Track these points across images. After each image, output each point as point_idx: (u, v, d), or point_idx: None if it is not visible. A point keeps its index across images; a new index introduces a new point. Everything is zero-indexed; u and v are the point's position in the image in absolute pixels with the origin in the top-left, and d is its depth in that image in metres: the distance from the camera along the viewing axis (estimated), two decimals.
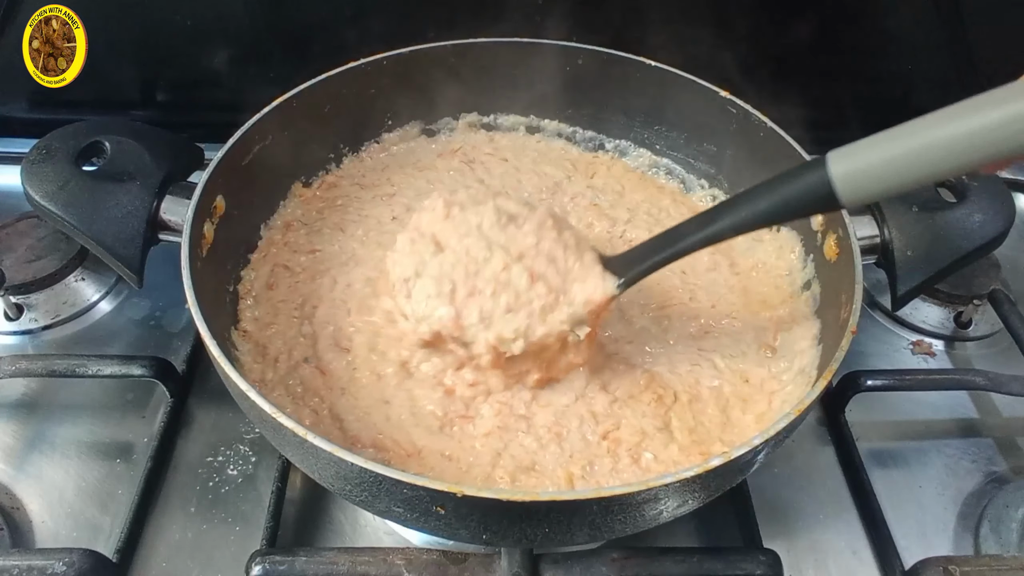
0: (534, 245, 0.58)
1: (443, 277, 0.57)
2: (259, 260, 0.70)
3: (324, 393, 0.60)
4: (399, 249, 0.60)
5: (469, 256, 0.57)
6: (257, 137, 0.69)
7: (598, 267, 0.57)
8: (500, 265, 0.56)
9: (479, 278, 0.56)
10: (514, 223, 0.59)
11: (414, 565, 0.56)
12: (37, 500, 0.65)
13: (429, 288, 0.57)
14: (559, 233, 0.59)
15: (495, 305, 0.56)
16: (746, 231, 0.54)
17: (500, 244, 0.57)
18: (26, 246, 0.81)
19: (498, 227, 0.58)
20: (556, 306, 0.56)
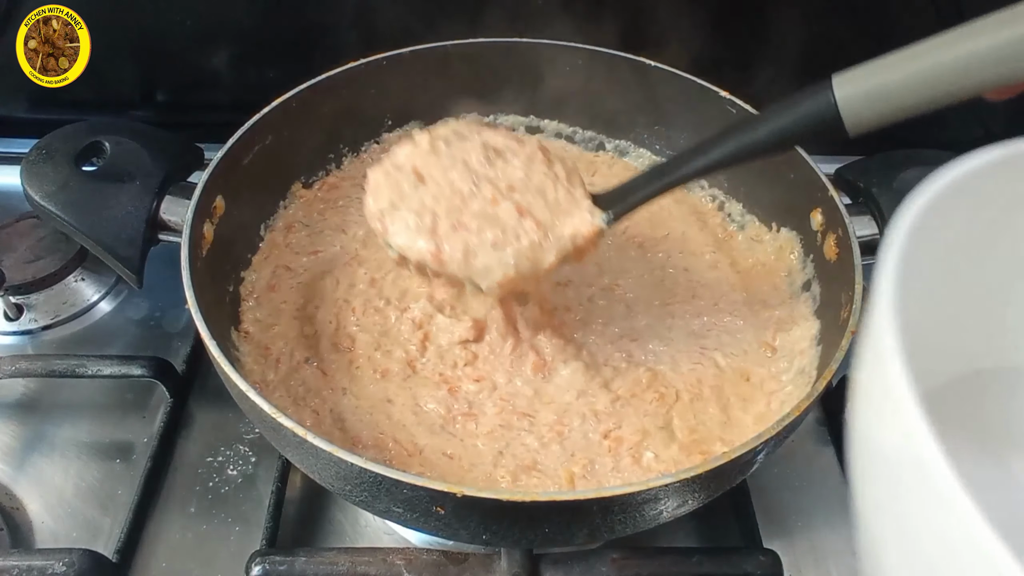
0: (523, 179, 0.56)
1: (424, 210, 0.54)
2: (260, 261, 0.70)
3: (326, 394, 0.60)
4: (373, 182, 0.57)
5: (453, 189, 0.55)
6: (257, 137, 0.69)
7: (587, 201, 0.56)
8: (487, 199, 0.54)
9: (464, 212, 0.54)
10: (502, 157, 0.56)
11: (414, 565, 0.56)
12: (37, 500, 0.65)
13: (408, 220, 0.54)
14: (549, 167, 0.57)
15: (481, 241, 0.53)
16: (745, 160, 0.52)
17: (488, 178, 0.55)
18: (26, 246, 0.81)
19: (486, 161, 0.56)
20: (545, 242, 0.54)
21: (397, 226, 0.54)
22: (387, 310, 0.65)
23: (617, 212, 0.55)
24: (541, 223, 0.54)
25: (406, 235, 0.54)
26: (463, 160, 0.56)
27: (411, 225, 0.53)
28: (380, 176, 0.56)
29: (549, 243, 0.53)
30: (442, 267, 0.53)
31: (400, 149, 0.57)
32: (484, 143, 0.57)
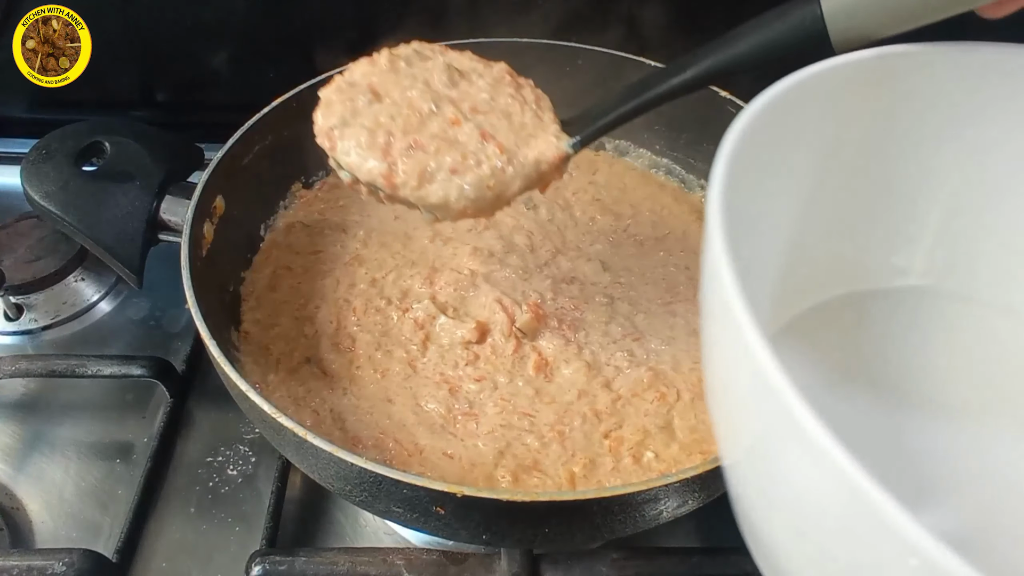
0: (488, 100, 0.52)
1: (378, 128, 0.50)
2: (261, 262, 0.70)
3: (326, 394, 0.60)
4: (324, 99, 0.52)
5: (412, 108, 0.50)
6: (257, 137, 0.69)
7: (555, 125, 0.52)
8: (448, 120, 0.50)
9: (422, 133, 0.50)
10: (466, 79, 0.53)
11: (414, 565, 0.56)
12: (37, 500, 0.65)
13: (360, 137, 0.50)
14: (517, 90, 0.53)
15: (438, 165, 0.49)
16: (724, 76, 0.49)
17: (449, 98, 0.52)
18: (26, 246, 0.81)
19: (448, 82, 0.52)
20: (508, 168, 0.50)
21: (347, 143, 0.50)
22: (388, 310, 0.65)
23: (585, 136, 0.51)
24: (505, 148, 0.50)
25: (356, 153, 0.50)
26: (424, 80, 0.52)
27: (363, 143, 0.50)
28: (332, 93, 0.52)
29: (512, 171, 0.50)
30: (394, 191, 0.50)
31: (356, 66, 0.53)
32: (448, 63, 0.53)
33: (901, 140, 0.47)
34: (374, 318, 0.65)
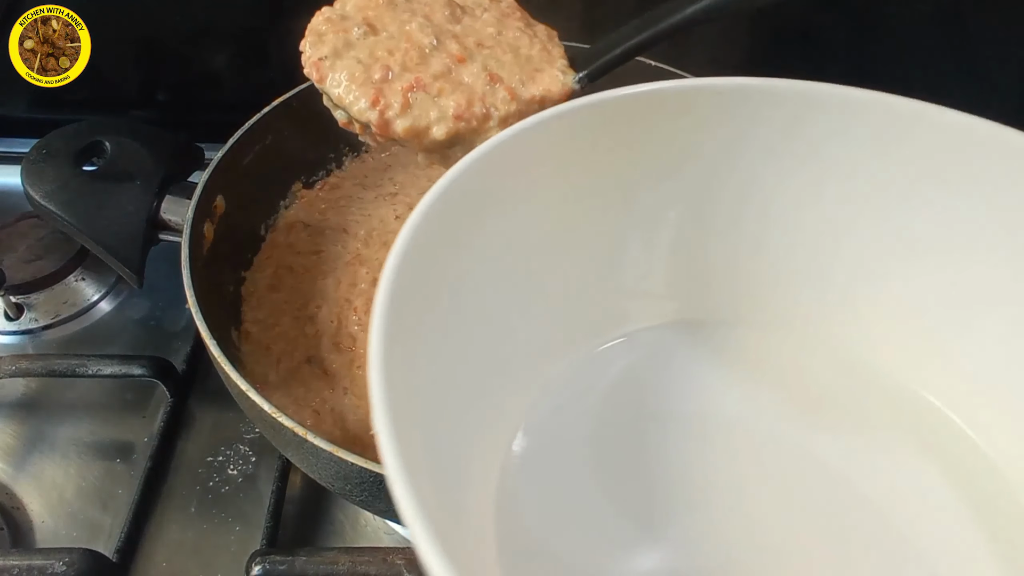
0: (494, 34, 0.48)
1: (374, 61, 0.45)
2: (262, 262, 0.70)
3: (326, 393, 0.60)
4: (312, 28, 0.48)
5: (412, 42, 0.46)
6: (257, 137, 0.69)
7: (562, 60, 0.48)
8: (452, 56, 0.46)
9: (424, 70, 0.45)
10: (470, 14, 0.49)
11: (414, 565, 0.56)
12: (37, 500, 0.65)
13: (354, 71, 0.45)
14: (526, 23, 0.50)
15: (441, 111, 0.45)
16: (743, 6, 0.47)
17: (453, 33, 0.47)
18: (26, 246, 0.81)
19: (451, 17, 0.48)
20: (511, 107, 0.46)
21: (338, 75, 0.46)
22: None
23: (593, 71, 0.48)
24: (513, 91, 0.46)
25: (348, 87, 0.46)
26: (424, 14, 0.48)
27: (356, 76, 0.45)
28: (322, 23, 0.48)
29: (515, 109, 0.46)
30: (388, 133, 0.46)
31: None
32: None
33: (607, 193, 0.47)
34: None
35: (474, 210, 0.41)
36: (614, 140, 0.45)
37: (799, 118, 0.45)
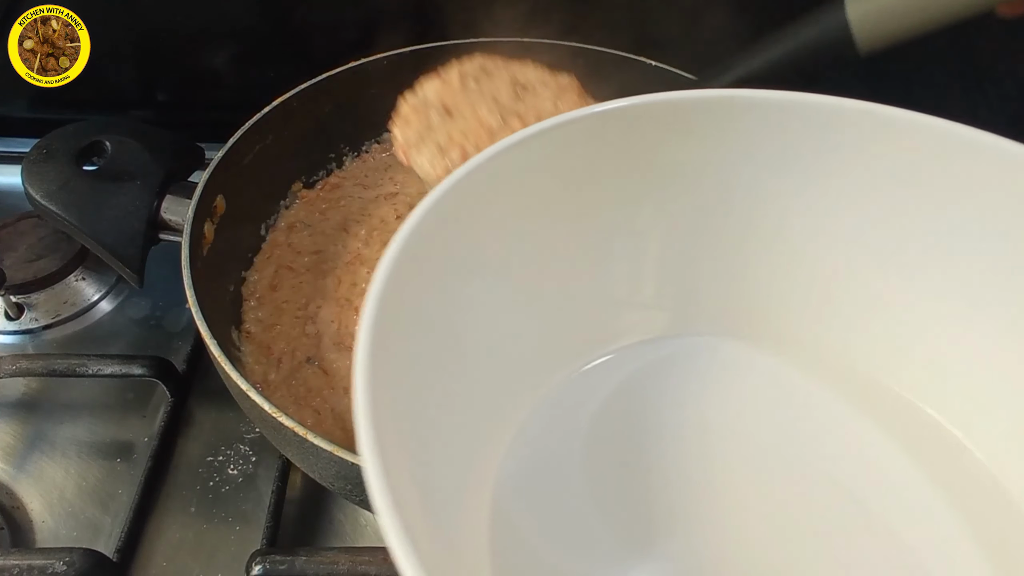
0: (552, 110, 0.55)
1: (452, 143, 0.53)
2: (262, 262, 0.70)
3: (327, 393, 0.60)
4: (403, 115, 0.56)
5: (482, 123, 0.53)
6: (257, 137, 0.69)
7: None
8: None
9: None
10: (532, 92, 0.56)
11: None
12: (37, 500, 0.65)
13: (434, 154, 0.53)
14: (581, 98, 0.56)
15: None
16: (757, 83, 0.51)
17: (516, 112, 0.54)
18: (26, 246, 0.81)
19: (515, 96, 0.55)
20: None
21: (422, 159, 0.53)
22: None
23: None
24: None
25: (429, 170, 0.53)
26: (492, 95, 0.55)
27: (436, 160, 0.53)
28: (407, 109, 0.56)
29: None
30: None
31: (429, 84, 0.57)
32: (513, 78, 0.56)
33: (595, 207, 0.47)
34: None
35: (464, 225, 0.41)
36: (604, 153, 0.45)
37: (793, 130, 0.45)
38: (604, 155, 0.46)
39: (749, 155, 0.46)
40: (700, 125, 0.45)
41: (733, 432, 0.48)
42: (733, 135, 0.45)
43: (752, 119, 0.45)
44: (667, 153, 0.46)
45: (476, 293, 0.43)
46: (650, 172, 0.47)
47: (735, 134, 0.45)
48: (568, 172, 0.45)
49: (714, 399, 0.49)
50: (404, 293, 0.36)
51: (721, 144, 0.46)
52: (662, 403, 0.49)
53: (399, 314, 0.35)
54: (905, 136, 0.43)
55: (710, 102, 0.45)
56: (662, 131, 0.45)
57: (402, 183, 0.79)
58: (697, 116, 0.45)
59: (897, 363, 0.49)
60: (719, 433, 0.48)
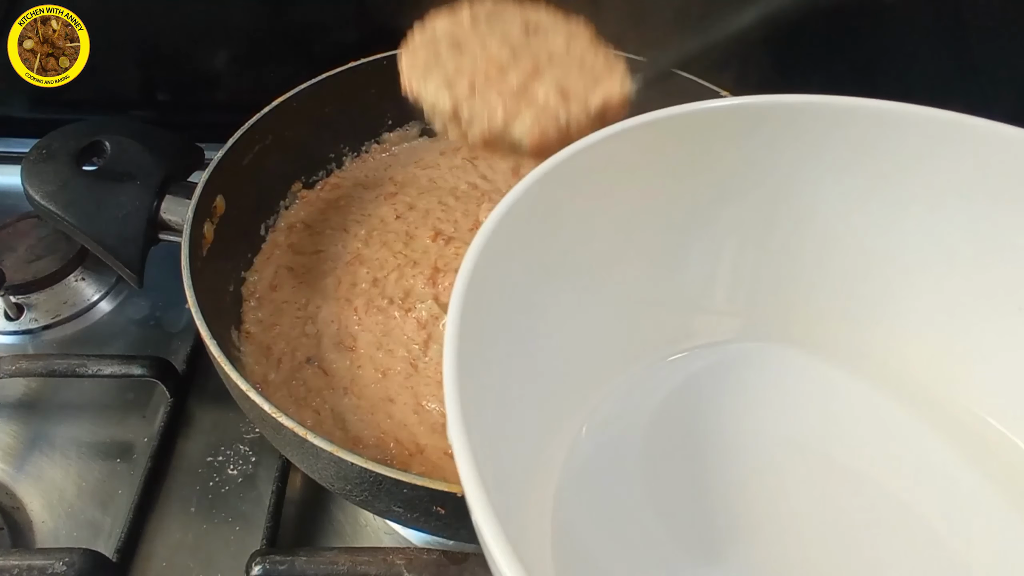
0: (564, 51, 0.54)
1: (459, 74, 0.52)
2: (262, 262, 0.70)
3: (327, 393, 0.60)
4: (411, 45, 0.55)
5: (491, 59, 0.53)
6: (257, 137, 0.69)
7: (622, 67, 0.53)
8: (527, 72, 0.52)
9: (501, 82, 0.52)
10: (543, 32, 0.56)
11: (414, 565, 0.56)
12: (37, 500, 0.65)
13: (440, 80, 0.53)
14: (592, 43, 0.55)
15: (518, 115, 0.51)
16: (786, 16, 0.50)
17: (528, 49, 0.54)
18: (26, 246, 0.81)
19: (525, 35, 0.55)
20: (579, 116, 0.51)
21: (429, 86, 0.53)
22: (390, 309, 0.65)
23: (648, 75, 0.53)
24: (580, 100, 0.51)
25: (435, 95, 0.52)
26: (502, 33, 0.55)
27: (443, 84, 0.52)
28: (417, 41, 0.56)
29: (581, 115, 0.51)
30: (469, 140, 0.52)
31: (439, 20, 0.56)
32: (524, 19, 0.56)
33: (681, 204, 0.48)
34: (376, 318, 0.65)
35: (543, 221, 0.42)
36: (683, 154, 0.46)
37: (868, 136, 0.45)
38: (680, 158, 0.46)
39: (815, 159, 0.47)
40: (784, 129, 0.46)
41: (793, 441, 0.48)
42: (815, 141, 0.46)
43: (837, 126, 0.45)
44: (738, 158, 0.47)
45: (553, 291, 0.44)
46: (730, 174, 0.47)
47: (817, 140, 0.46)
48: (647, 174, 0.46)
49: (775, 405, 0.49)
50: (486, 289, 0.37)
51: (788, 148, 0.46)
52: (723, 407, 0.49)
53: (482, 309, 0.36)
54: (974, 141, 0.43)
55: (775, 107, 0.45)
56: (744, 134, 0.46)
57: (401, 182, 0.79)
58: (761, 120, 0.46)
59: (963, 375, 0.48)
60: (778, 441, 0.48)
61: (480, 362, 0.35)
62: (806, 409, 0.49)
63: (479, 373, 0.35)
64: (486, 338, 0.37)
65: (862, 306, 0.50)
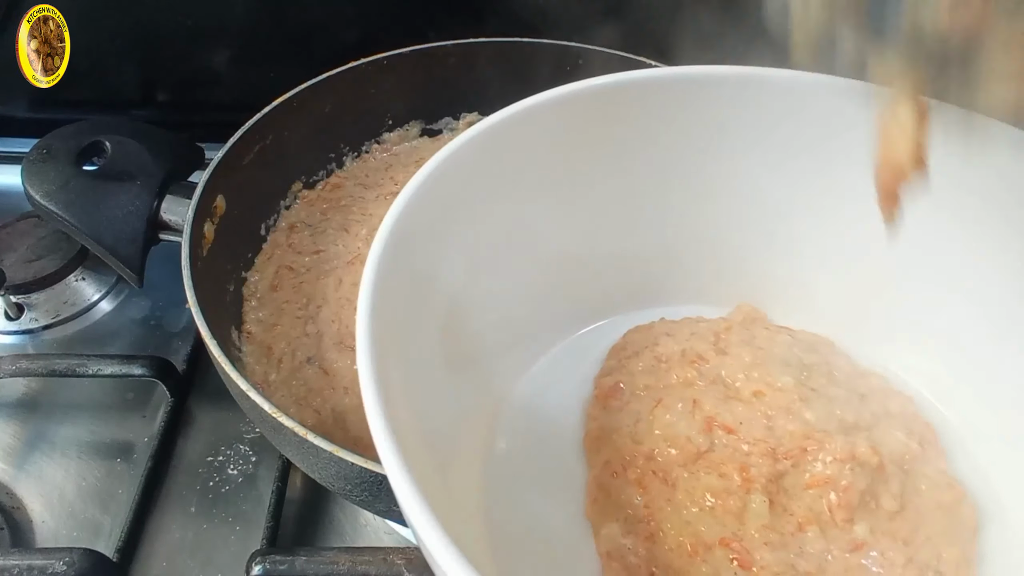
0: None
1: None
2: (263, 262, 0.70)
3: (327, 393, 0.60)
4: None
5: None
6: (257, 137, 0.69)
7: None
8: None
9: None
10: None
11: (414, 565, 0.56)
12: (37, 500, 0.65)
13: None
14: None
15: None
16: None
17: None
18: (26, 246, 0.81)
19: None
20: None
21: None
22: None
23: None
24: None
25: None
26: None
27: None
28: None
29: None
30: None
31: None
32: None
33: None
34: None
35: (458, 197, 0.44)
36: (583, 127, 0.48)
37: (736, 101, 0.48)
38: (580, 131, 0.48)
39: (722, 128, 0.49)
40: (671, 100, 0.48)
41: None
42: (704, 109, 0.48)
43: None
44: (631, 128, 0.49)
45: (468, 268, 0.45)
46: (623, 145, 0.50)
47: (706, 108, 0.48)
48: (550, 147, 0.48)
49: None
50: (403, 256, 0.39)
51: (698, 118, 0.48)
52: None
53: (398, 279, 0.38)
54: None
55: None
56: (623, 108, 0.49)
57: (403, 182, 0.78)
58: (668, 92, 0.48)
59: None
60: None
61: (396, 343, 0.36)
62: None
63: (396, 351, 0.36)
64: (401, 318, 0.38)
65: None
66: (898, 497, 0.42)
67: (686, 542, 0.40)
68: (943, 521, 0.42)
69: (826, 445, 0.42)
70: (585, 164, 0.49)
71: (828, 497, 0.41)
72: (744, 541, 0.40)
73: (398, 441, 0.30)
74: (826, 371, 0.48)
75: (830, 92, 0.44)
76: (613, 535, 0.41)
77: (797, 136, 0.48)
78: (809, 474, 0.42)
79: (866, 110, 0.34)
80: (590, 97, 0.47)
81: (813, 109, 0.46)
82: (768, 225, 0.52)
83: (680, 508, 0.41)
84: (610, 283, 0.54)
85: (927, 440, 0.46)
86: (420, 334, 0.39)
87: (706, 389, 0.46)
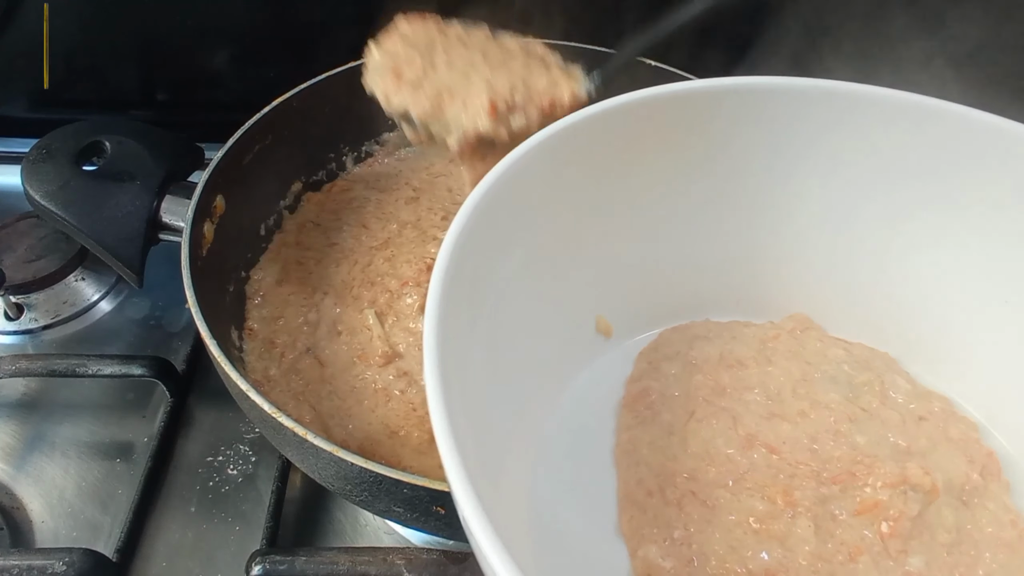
0: (524, 59, 0.55)
1: (427, 78, 0.54)
2: (268, 260, 0.70)
3: (324, 389, 0.60)
4: (378, 50, 0.59)
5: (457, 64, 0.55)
6: (257, 137, 0.69)
7: (579, 73, 0.54)
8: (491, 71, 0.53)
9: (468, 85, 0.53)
10: (502, 45, 0.58)
11: (414, 565, 0.56)
12: (37, 500, 0.65)
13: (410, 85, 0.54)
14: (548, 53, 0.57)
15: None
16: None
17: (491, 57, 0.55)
18: (26, 246, 0.81)
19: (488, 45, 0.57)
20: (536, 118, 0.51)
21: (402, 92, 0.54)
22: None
23: (604, 74, 0.54)
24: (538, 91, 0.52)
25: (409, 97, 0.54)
26: (466, 43, 0.57)
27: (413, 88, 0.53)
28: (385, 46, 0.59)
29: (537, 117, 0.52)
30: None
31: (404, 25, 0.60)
32: (486, 35, 0.58)
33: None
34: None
35: (518, 208, 0.42)
36: (646, 137, 0.47)
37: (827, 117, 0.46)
38: (643, 141, 0.47)
39: (774, 140, 0.48)
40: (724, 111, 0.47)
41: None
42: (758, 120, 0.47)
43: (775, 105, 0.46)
44: (699, 139, 0.48)
45: (526, 277, 0.45)
46: (689, 157, 0.48)
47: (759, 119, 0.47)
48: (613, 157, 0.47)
49: None
50: (467, 268, 0.38)
51: (746, 130, 0.47)
52: None
53: (462, 290, 0.37)
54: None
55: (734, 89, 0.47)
56: (692, 117, 0.47)
57: (419, 187, 0.79)
58: (718, 103, 0.47)
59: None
60: None
61: (459, 355, 0.36)
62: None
63: (459, 364, 0.35)
64: (464, 330, 0.37)
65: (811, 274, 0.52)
66: (953, 530, 0.40)
67: (731, 569, 0.38)
68: (1003, 558, 0.40)
69: (876, 469, 0.41)
70: (646, 172, 0.48)
71: (879, 525, 0.40)
72: (791, 571, 0.38)
73: (462, 456, 0.30)
74: (879, 390, 0.46)
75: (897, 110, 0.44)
76: (651, 558, 0.40)
77: (868, 153, 0.46)
78: (858, 499, 0.40)
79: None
80: (657, 105, 0.46)
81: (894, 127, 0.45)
82: (829, 238, 0.50)
83: (722, 531, 0.40)
84: (660, 293, 0.52)
85: (989, 471, 0.43)
86: (476, 343, 0.39)
87: (741, 399, 0.45)
